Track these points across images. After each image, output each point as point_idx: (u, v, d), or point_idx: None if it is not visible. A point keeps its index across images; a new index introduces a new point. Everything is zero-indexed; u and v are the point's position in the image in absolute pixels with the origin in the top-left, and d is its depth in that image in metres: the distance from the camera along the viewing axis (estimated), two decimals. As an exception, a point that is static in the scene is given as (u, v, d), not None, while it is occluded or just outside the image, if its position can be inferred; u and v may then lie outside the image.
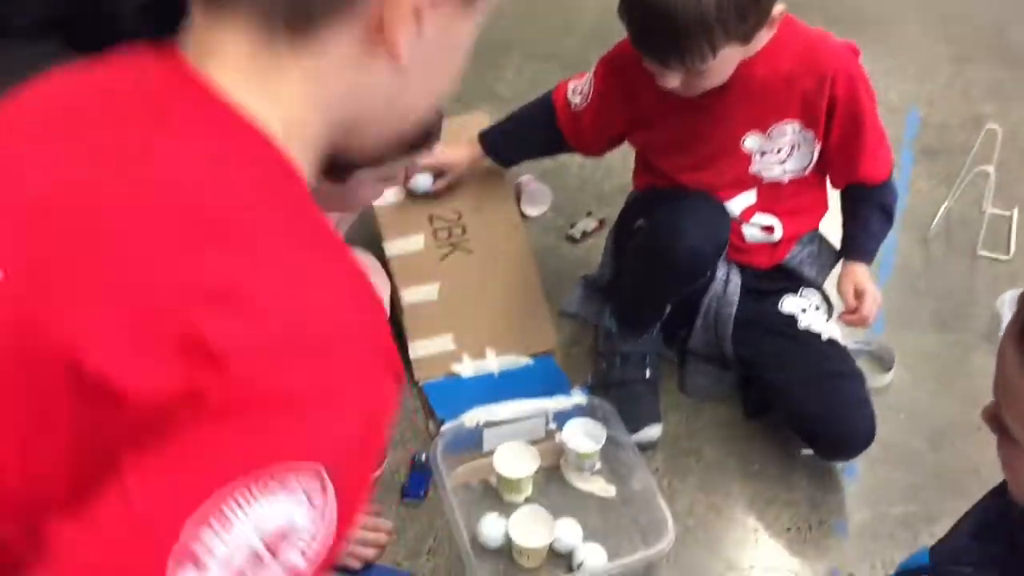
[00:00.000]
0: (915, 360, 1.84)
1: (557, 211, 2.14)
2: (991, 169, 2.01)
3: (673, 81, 1.44)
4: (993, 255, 2.07)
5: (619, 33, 1.52)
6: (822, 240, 1.76)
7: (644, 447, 1.64)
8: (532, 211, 2.11)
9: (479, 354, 1.78)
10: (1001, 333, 1.80)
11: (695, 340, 1.73)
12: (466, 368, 1.76)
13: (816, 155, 1.59)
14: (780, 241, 1.68)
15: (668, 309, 1.69)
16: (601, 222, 2.08)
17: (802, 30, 1.52)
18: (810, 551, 1.54)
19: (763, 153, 1.58)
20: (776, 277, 1.71)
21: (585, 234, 2.07)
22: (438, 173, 1.82)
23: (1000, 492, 1.04)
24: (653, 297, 1.67)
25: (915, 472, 1.65)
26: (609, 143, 1.75)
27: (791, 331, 1.66)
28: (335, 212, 1.42)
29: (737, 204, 1.64)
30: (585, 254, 2.03)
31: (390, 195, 1.89)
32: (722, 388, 1.77)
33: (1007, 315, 1.83)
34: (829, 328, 1.67)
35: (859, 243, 1.69)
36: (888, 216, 1.68)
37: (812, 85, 1.51)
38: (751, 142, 1.57)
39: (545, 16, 2.74)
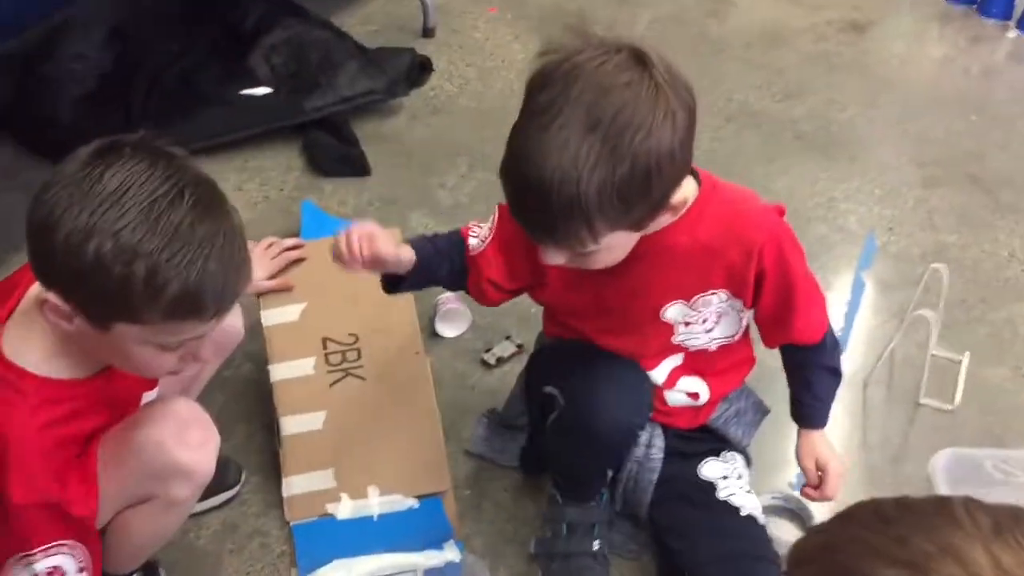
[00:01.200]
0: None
1: (476, 333, 2.02)
2: (930, 314, 1.87)
3: (556, 259, 1.26)
4: (937, 404, 1.92)
5: None
6: (748, 395, 1.62)
7: None
8: (448, 332, 2.00)
9: (360, 493, 1.65)
10: (937, 488, 1.65)
11: (617, 503, 1.60)
12: (343, 509, 1.63)
13: (745, 322, 1.47)
14: (705, 404, 1.55)
15: (610, 474, 1.55)
16: (520, 347, 1.96)
17: (724, 195, 1.34)
18: None
19: (687, 323, 1.44)
20: (700, 438, 1.58)
21: (501, 360, 1.95)
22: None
23: None
24: (585, 472, 1.54)
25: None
26: (507, 295, 1.51)
27: (708, 500, 1.53)
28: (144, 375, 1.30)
29: (662, 371, 1.50)
30: (498, 382, 1.90)
31: (285, 314, 1.80)
32: (634, 548, 1.63)
33: (940, 480, 1.68)
34: (748, 501, 1.53)
35: (810, 410, 1.55)
36: (834, 373, 1.55)
37: (738, 257, 1.35)
38: (673, 312, 1.42)
39: (498, 126, 2.65)
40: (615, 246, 1.24)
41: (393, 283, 1.48)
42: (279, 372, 1.73)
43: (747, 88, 2.81)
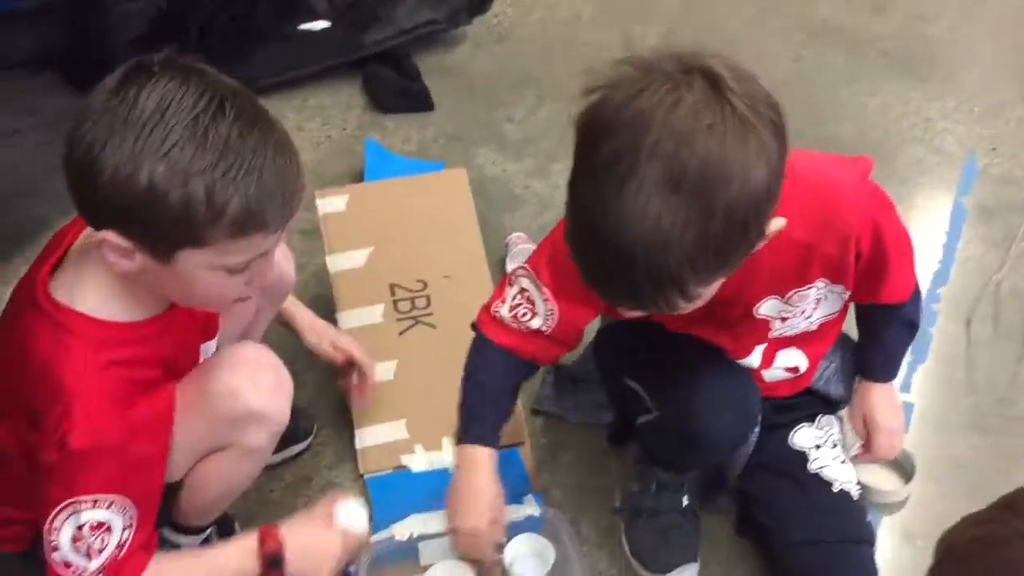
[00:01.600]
0: (943, 469, 1.58)
1: (548, 275, 1.93)
2: (1046, 242, 1.72)
3: (633, 313, 1.14)
4: (1049, 340, 1.78)
5: None
6: (843, 343, 1.49)
7: None
8: (519, 275, 1.91)
9: (435, 445, 1.59)
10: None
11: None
12: (418, 461, 1.58)
13: (847, 297, 1.34)
14: (805, 372, 1.44)
15: None
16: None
17: (807, 184, 1.15)
18: None
19: (784, 318, 1.32)
20: (798, 404, 1.47)
21: (576, 304, 1.86)
22: None
23: None
24: (678, 472, 1.46)
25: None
26: (581, 329, 1.38)
27: (799, 473, 1.43)
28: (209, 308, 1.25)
29: (756, 356, 1.38)
30: (573, 327, 1.81)
31: (352, 259, 1.73)
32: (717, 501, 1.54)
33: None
34: (842, 474, 1.43)
35: (878, 363, 1.45)
36: (911, 327, 1.44)
37: (834, 248, 1.23)
38: (767, 308, 1.30)
39: (566, 53, 2.53)
40: (707, 295, 1.08)
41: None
42: (348, 320, 1.67)
43: (829, 2, 2.62)
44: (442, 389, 1.62)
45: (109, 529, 1.11)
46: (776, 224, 1.05)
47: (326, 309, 1.75)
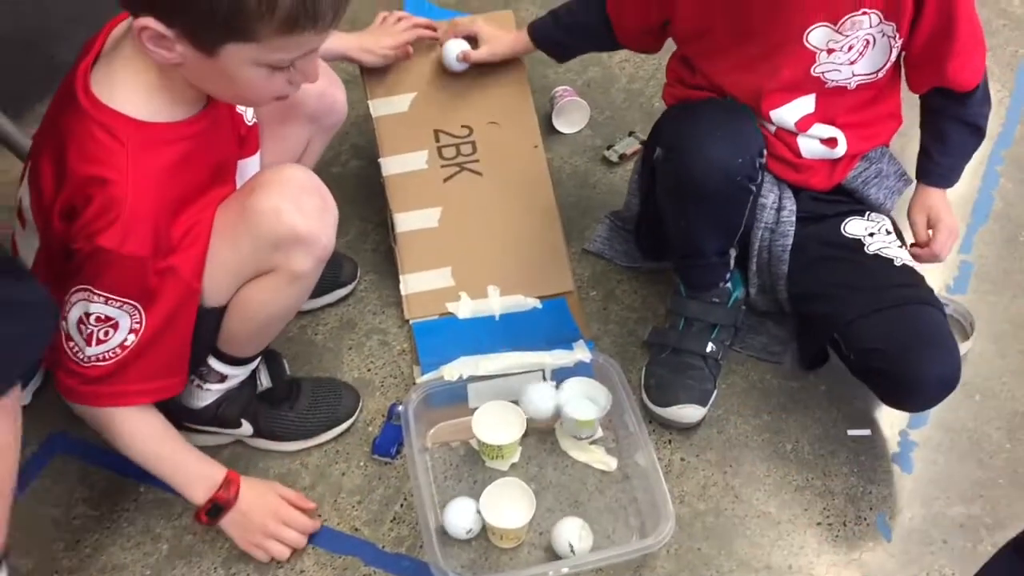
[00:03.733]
0: (1002, 329, 1.54)
1: (595, 129, 1.86)
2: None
3: None
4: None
5: None
6: (891, 159, 1.46)
7: (672, 426, 1.41)
8: (566, 128, 1.85)
9: (480, 293, 1.56)
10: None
11: (751, 287, 1.47)
12: (463, 308, 1.54)
13: (894, 55, 1.30)
14: (843, 157, 1.39)
15: (732, 255, 1.42)
16: (644, 144, 1.80)
17: None
18: (842, 552, 1.29)
19: (831, 51, 1.28)
20: (836, 201, 1.42)
21: (623, 157, 1.80)
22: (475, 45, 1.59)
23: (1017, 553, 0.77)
24: (697, 239, 1.39)
25: (984, 466, 1.37)
26: (654, 33, 1.46)
27: (857, 256, 1.36)
28: (249, 105, 1.21)
29: (791, 112, 1.35)
30: (621, 181, 1.76)
31: (395, 104, 1.66)
32: (779, 348, 1.51)
33: (1124, 280, 1.50)
34: (903, 255, 1.37)
35: (938, 165, 1.41)
36: (977, 132, 1.40)
37: None
38: (818, 36, 1.27)
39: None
40: None
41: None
42: (391, 166, 1.61)
43: None
44: (487, 237, 1.59)
45: (116, 326, 1.11)
46: None
47: (369, 157, 1.70)
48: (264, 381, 1.37)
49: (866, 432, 1.41)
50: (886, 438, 1.41)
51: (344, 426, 1.41)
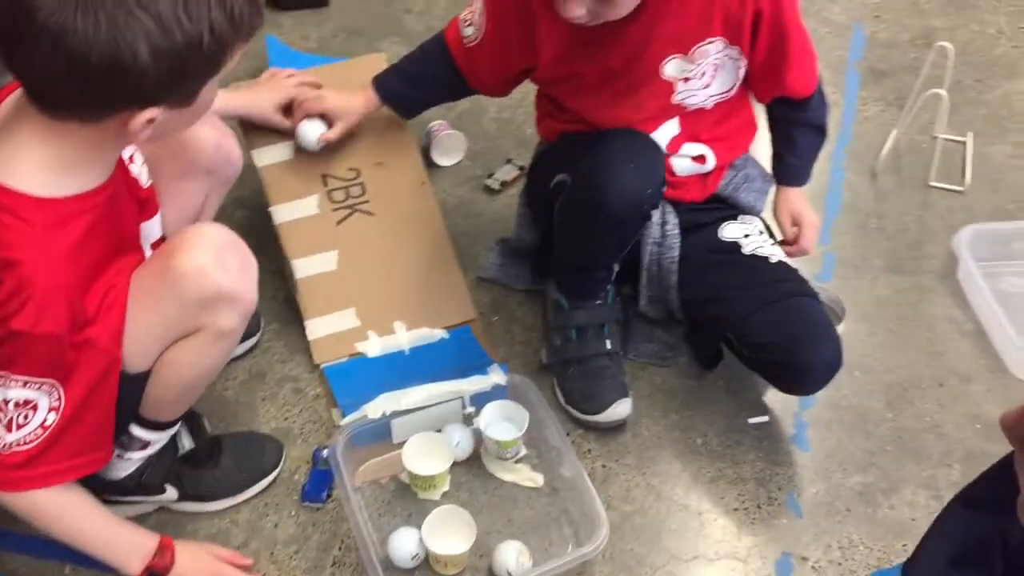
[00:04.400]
0: (868, 309, 1.69)
1: (473, 159, 1.93)
2: (943, 92, 1.83)
3: (578, 9, 1.25)
4: (947, 186, 1.91)
5: None
6: (754, 163, 1.59)
7: (612, 427, 1.48)
8: (444, 161, 1.90)
9: (387, 330, 1.58)
10: (959, 273, 1.65)
11: (642, 299, 1.56)
12: (372, 346, 1.57)
13: (741, 73, 1.42)
14: (713, 170, 1.50)
15: (616, 267, 1.50)
16: (522, 169, 1.88)
17: None
18: (760, 532, 1.38)
19: (686, 79, 1.39)
20: (711, 209, 1.53)
21: (504, 184, 1.87)
22: (328, 123, 1.59)
23: (974, 508, 0.87)
24: (596, 258, 1.47)
25: (872, 437, 1.50)
26: (511, 81, 1.53)
27: (736, 258, 1.48)
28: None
29: (660, 136, 1.45)
30: (505, 207, 1.83)
31: (278, 152, 1.67)
32: (670, 353, 1.61)
33: (965, 253, 1.68)
34: (776, 251, 1.49)
35: (791, 167, 1.55)
36: (820, 132, 1.54)
37: (736, 3, 1.33)
38: (672, 68, 1.38)
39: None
40: None
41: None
42: (282, 214, 1.62)
43: None
44: (387, 275, 1.63)
45: (35, 407, 1.08)
46: None
47: (253, 207, 1.71)
48: (186, 443, 1.36)
49: (765, 419, 1.52)
50: (782, 422, 1.52)
51: (270, 478, 1.41)
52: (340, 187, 1.67)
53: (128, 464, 1.29)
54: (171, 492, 1.34)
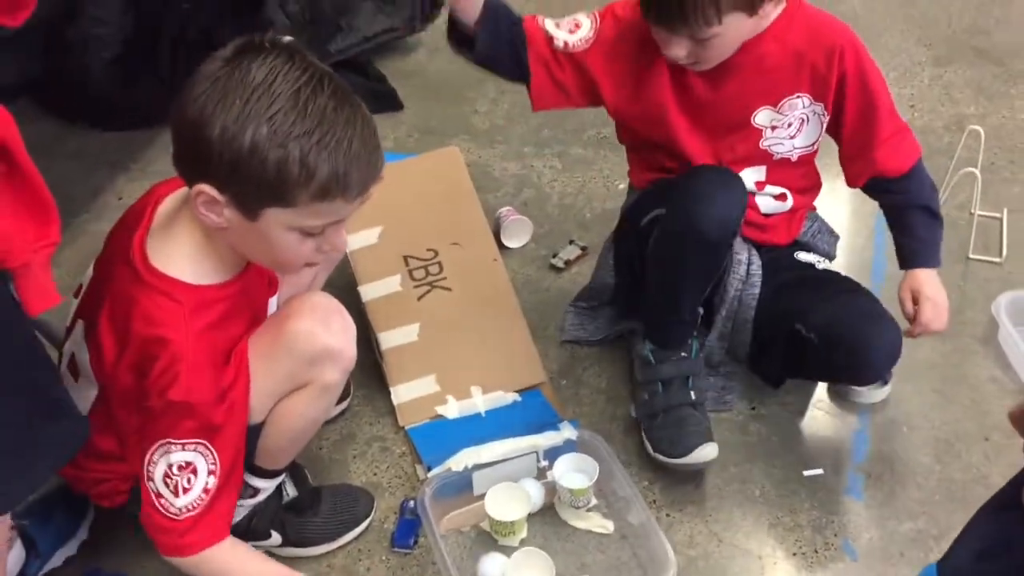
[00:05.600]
0: (913, 371, 1.79)
1: (539, 242, 2.09)
2: (977, 171, 1.97)
3: (679, 50, 1.44)
4: (985, 258, 2.02)
5: None
6: (820, 219, 1.75)
7: (699, 469, 1.59)
8: (513, 243, 2.07)
9: (464, 394, 1.73)
10: (1000, 336, 1.76)
11: (714, 332, 1.68)
12: (451, 409, 1.71)
13: (824, 128, 1.58)
14: (793, 210, 1.66)
15: (701, 312, 1.63)
16: (584, 249, 2.04)
17: (808, 9, 1.54)
18: (818, 574, 1.48)
19: (774, 128, 1.57)
20: (791, 249, 1.68)
21: (568, 262, 2.03)
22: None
23: (999, 510, 0.98)
24: (685, 292, 1.58)
25: (922, 487, 1.59)
26: (572, 102, 1.60)
27: (810, 272, 1.66)
28: (278, 271, 1.39)
29: (747, 177, 1.60)
30: (570, 283, 1.98)
31: (364, 238, 1.86)
32: (729, 396, 1.73)
33: (1004, 318, 1.78)
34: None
35: (909, 251, 1.64)
36: (933, 214, 1.63)
37: (821, 59, 1.51)
38: (762, 117, 1.56)
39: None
40: (730, 35, 1.43)
41: (461, 41, 1.56)
42: (369, 292, 1.80)
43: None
44: (463, 343, 1.78)
45: (195, 471, 1.23)
46: (775, 9, 1.44)
47: (348, 286, 1.88)
48: (290, 491, 1.50)
49: (819, 471, 1.62)
50: (836, 475, 1.62)
51: (363, 525, 1.54)
52: (420, 266, 1.85)
53: (240, 511, 1.44)
54: (276, 537, 1.48)
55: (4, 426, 1.11)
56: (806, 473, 1.62)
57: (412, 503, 1.56)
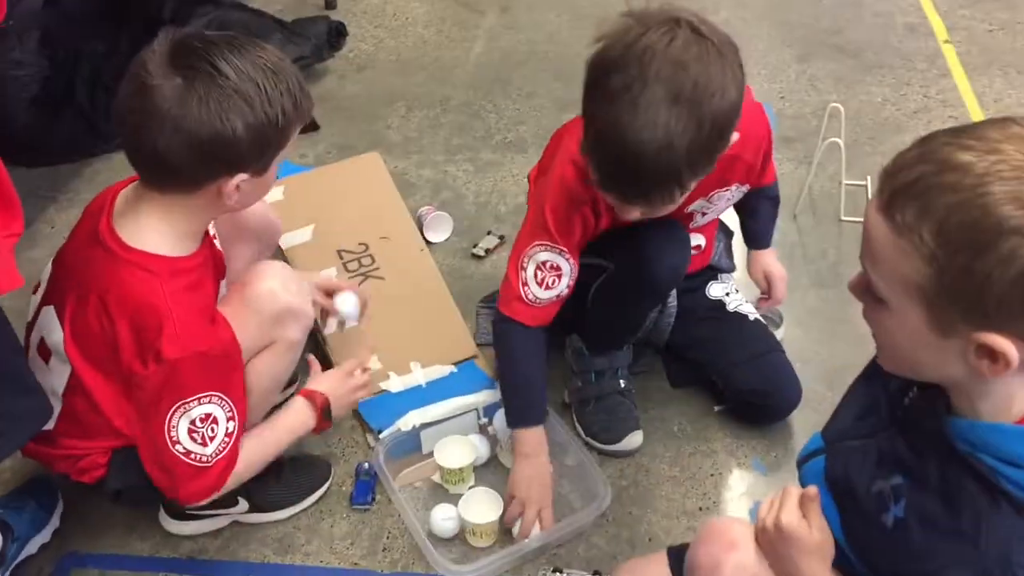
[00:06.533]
0: (802, 316, 2.02)
1: (460, 236, 2.26)
2: (840, 141, 2.23)
3: (634, 215, 1.46)
4: (855, 219, 2.28)
5: (495, 78, 1.61)
6: (722, 229, 1.91)
7: (626, 454, 1.74)
8: (435, 237, 2.24)
9: (405, 370, 1.88)
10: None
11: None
12: (394, 384, 1.85)
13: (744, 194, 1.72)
14: (708, 246, 1.83)
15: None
16: (502, 238, 2.22)
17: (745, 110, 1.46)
18: (733, 490, 1.67)
19: (704, 213, 1.70)
20: (700, 275, 1.86)
21: (488, 251, 2.21)
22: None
23: (868, 378, 1.19)
24: (630, 324, 1.75)
25: (818, 411, 1.80)
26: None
27: (722, 315, 1.81)
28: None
29: None
30: (492, 269, 2.15)
31: (301, 236, 2.00)
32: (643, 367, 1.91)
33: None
34: (750, 309, 1.83)
35: (759, 235, 1.87)
36: (775, 201, 1.87)
37: (752, 156, 1.63)
38: (695, 206, 1.65)
39: (423, 69, 2.92)
40: (688, 192, 1.41)
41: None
42: (308, 283, 1.94)
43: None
44: (400, 324, 1.93)
45: (215, 420, 1.37)
46: (734, 137, 1.36)
47: (285, 280, 2.01)
48: (255, 458, 1.62)
49: (726, 406, 1.82)
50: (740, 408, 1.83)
51: (323, 488, 1.67)
52: (353, 259, 2.00)
53: (207, 479, 1.55)
54: (242, 504, 1.60)
55: None
56: (716, 408, 1.82)
57: (366, 465, 1.70)
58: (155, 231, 1.35)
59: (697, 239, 1.78)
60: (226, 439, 1.39)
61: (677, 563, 1.30)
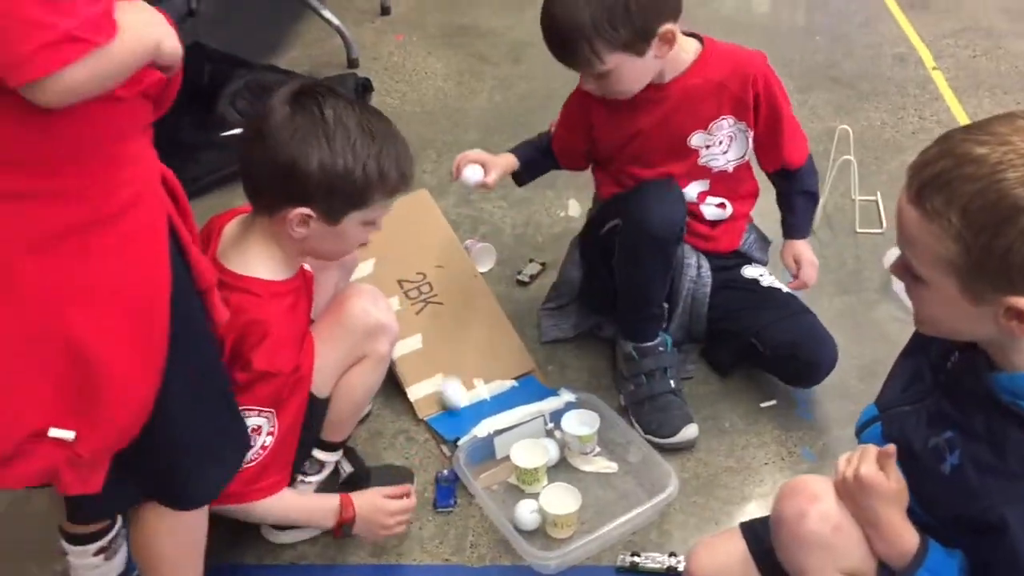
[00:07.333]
0: (830, 319, 2.16)
1: (503, 265, 2.42)
2: (852, 158, 2.41)
3: (589, 84, 1.79)
4: (870, 230, 2.46)
5: (515, 121, 1.78)
6: (758, 230, 2.11)
7: (684, 447, 1.88)
8: (482, 267, 2.39)
9: (469, 386, 2.02)
10: (893, 286, 2.18)
11: (672, 322, 2.00)
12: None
13: (751, 141, 1.93)
14: (734, 218, 2.00)
15: (666, 307, 1.95)
16: (543, 265, 2.38)
17: (723, 47, 1.87)
18: (787, 476, 1.81)
19: (707, 146, 1.91)
20: (734, 258, 2.04)
21: (532, 277, 2.36)
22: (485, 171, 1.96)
23: (909, 353, 1.34)
24: (649, 282, 1.88)
25: (854, 401, 1.95)
26: (582, 157, 2.04)
27: (757, 288, 1.99)
28: (334, 259, 1.67)
29: (692, 189, 1.95)
30: (536, 293, 2.30)
31: (363, 269, 2.15)
32: (690, 367, 2.07)
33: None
34: (783, 286, 2.00)
35: (793, 225, 2.05)
36: (812, 197, 2.06)
37: (738, 87, 1.84)
38: (696, 139, 1.89)
39: (447, 118, 3.10)
40: (624, 71, 1.75)
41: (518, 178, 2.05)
42: (374, 312, 2.08)
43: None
44: (461, 345, 2.08)
45: (259, 432, 1.49)
46: (665, 27, 1.70)
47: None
48: (346, 468, 1.75)
49: (773, 402, 1.97)
50: (787, 402, 1.98)
51: (410, 494, 1.80)
52: (413, 287, 2.15)
53: (307, 487, 1.68)
54: (338, 512, 1.73)
55: (210, 424, 1.34)
56: (762, 405, 1.96)
57: (445, 472, 1.83)
58: (257, 257, 1.50)
59: (718, 199, 1.97)
60: (259, 451, 1.49)
61: (752, 535, 1.44)
